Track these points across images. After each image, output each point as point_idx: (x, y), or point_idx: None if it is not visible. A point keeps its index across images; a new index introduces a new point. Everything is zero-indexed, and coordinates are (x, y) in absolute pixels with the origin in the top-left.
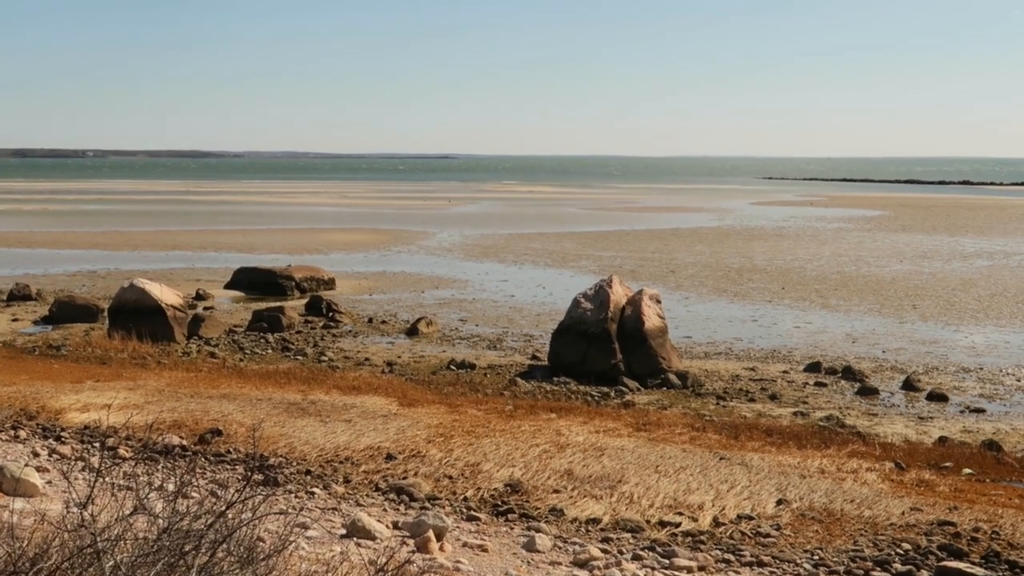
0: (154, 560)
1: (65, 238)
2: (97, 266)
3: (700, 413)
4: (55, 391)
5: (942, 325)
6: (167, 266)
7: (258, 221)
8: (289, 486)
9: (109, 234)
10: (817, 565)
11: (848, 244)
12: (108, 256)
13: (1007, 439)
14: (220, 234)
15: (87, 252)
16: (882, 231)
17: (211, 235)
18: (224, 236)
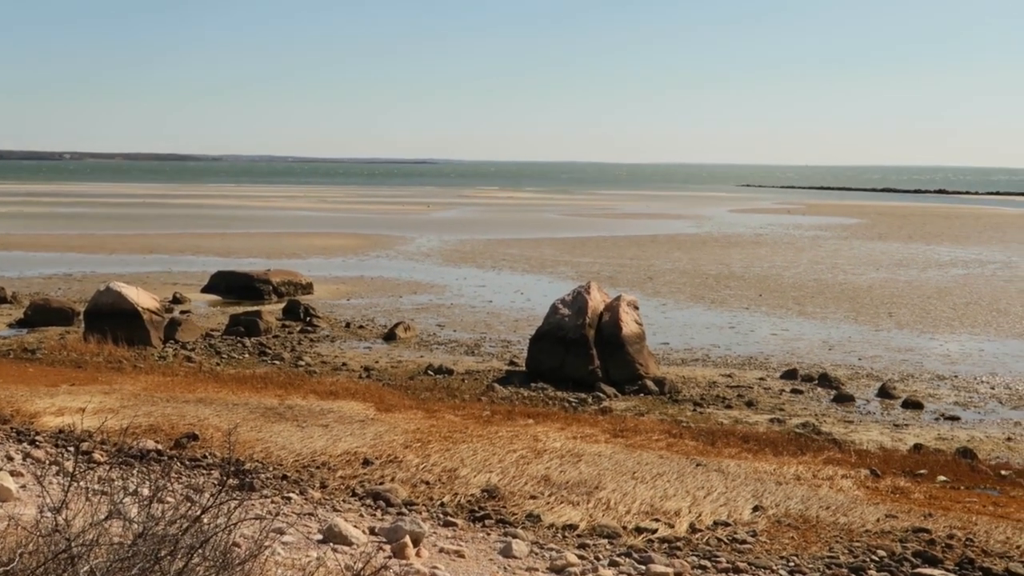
0: (129, 565)
1: (41, 240)
2: (73, 269)
3: (677, 419)
4: (29, 395)
5: (917, 333)
6: (144, 269)
7: (236, 225)
8: (265, 491)
9: (85, 237)
10: (793, 572)
11: (825, 252)
12: (84, 259)
13: (981, 447)
14: (197, 237)
15: (63, 255)
16: (858, 239)
17: (188, 238)
18: (201, 240)
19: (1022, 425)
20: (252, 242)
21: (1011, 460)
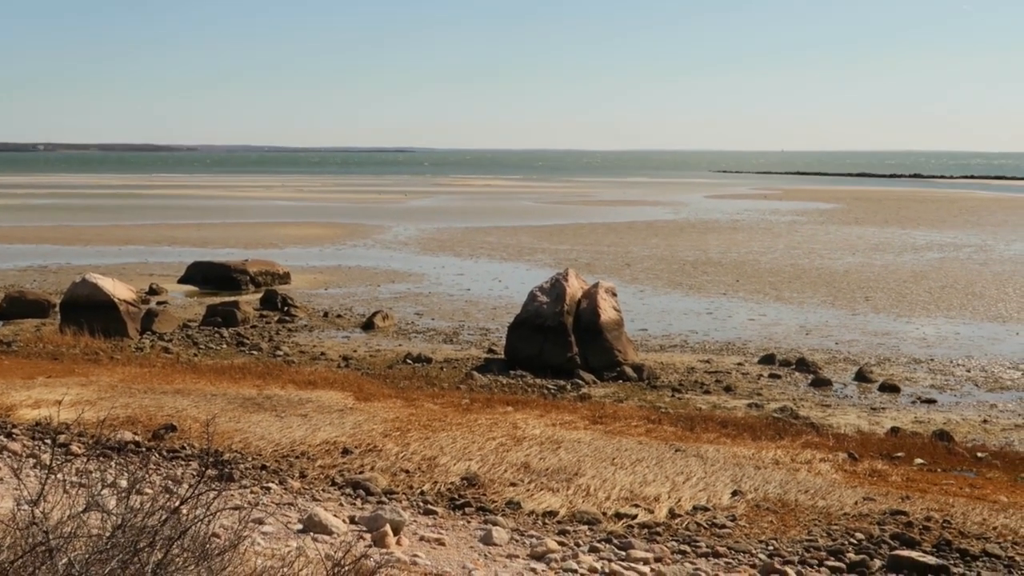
0: (108, 557)
1: (15, 233)
2: (48, 261)
3: (656, 405)
4: (5, 387)
5: (894, 317)
6: (120, 261)
7: (212, 215)
8: (244, 481)
9: (60, 228)
10: (772, 555)
11: (801, 237)
12: (59, 251)
13: (957, 429)
14: (173, 228)
15: (38, 247)
16: (835, 224)
17: (164, 229)
18: (178, 230)
19: (998, 407)
20: (229, 232)
21: (987, 442)
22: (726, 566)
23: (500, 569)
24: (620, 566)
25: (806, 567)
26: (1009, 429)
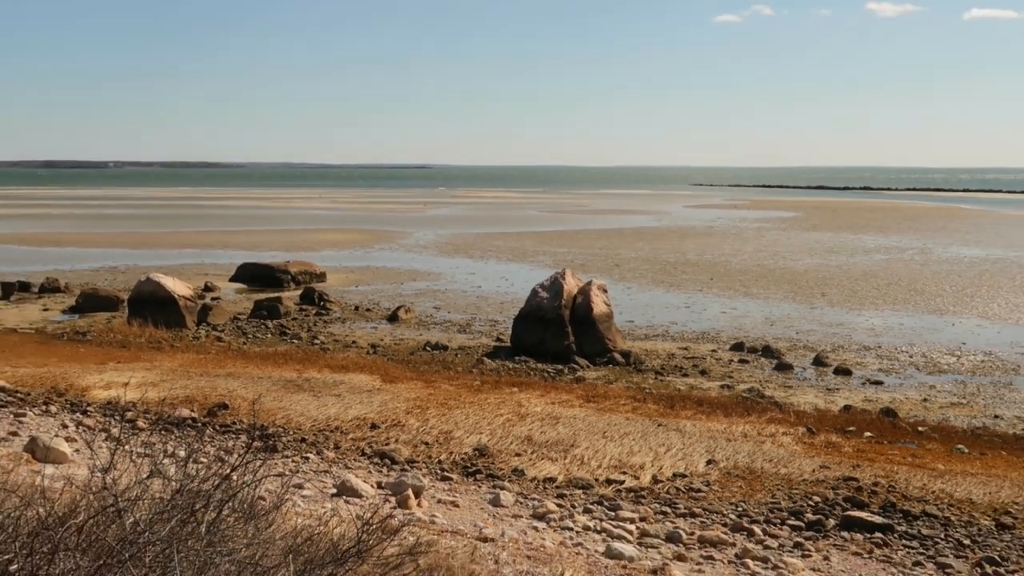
0: (168, 517)
1: (89, 238)
2: (118, 262)
3: (641, 387)
4: (81, 371)
5: (847, 310)
6: (179, 262)
7: (258, 223)
8: (286, 452)
9: (128, 234)
10: (741, 515)
11: (767, 241)
12: (127, 253)
13: (901, 407)
14: (225, 234)
15: (109, 250)
16: (796, 230)
17: (217, 235)
18: (229, 236)
19: (936, 388)
20: (273, 237)
21: (927, 418)
22: (701, 525)
23: (507, 527)
24: (610, 524)
25: (770, 526)
26: (946, 407)
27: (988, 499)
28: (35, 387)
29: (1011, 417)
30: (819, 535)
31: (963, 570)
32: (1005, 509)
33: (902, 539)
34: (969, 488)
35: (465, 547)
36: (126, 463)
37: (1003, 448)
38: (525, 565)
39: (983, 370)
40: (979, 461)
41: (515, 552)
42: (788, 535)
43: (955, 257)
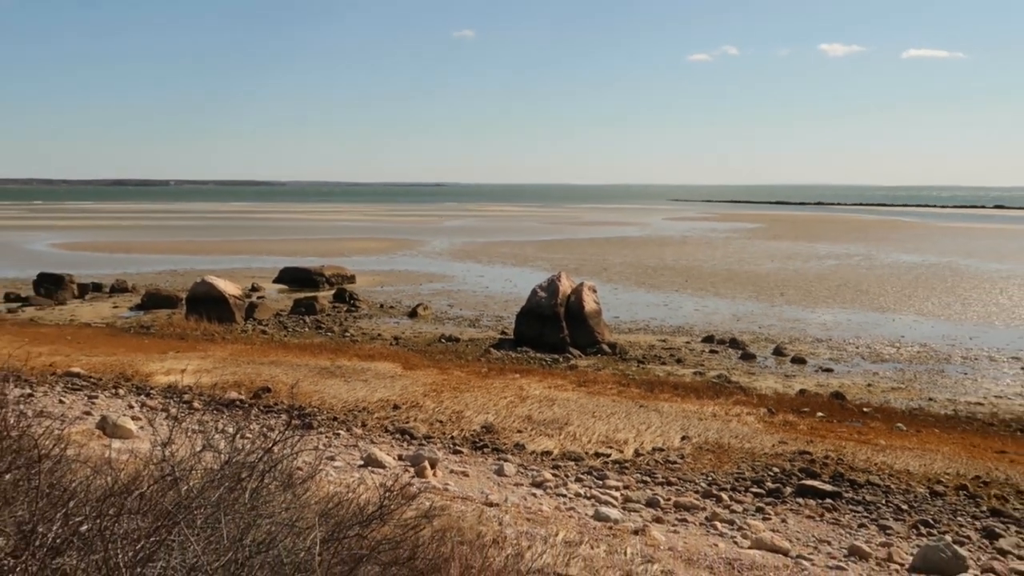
0: (218, 485)
1: (153, 246)
2: (177, 266)
3: (625, 373)
4: (145, 359)
5: (802, 308)
6: (230, 266)
7: (298, 233)
8: (321, 429)
9: (186, 242)
10: (710, 484)
11: (734, 248)
12: (185, 259)
13: (849, 391)
14: (269, 242)
15: (169, 256)
16: (759, 239)
17: (263, 243)
18: (272, 244)
19: (879, 375)
20: (310, 245)
21: (871, 401)
22: (677, 492)
23: (509, 494)
24: (598, 491)
25: (736, 493)
26: (887, 391)
27: (923, 470)
28: (106, 373)
29: (943, 400)
30: (778, 501)
31: (901, 531)
32: (937, 479)
33: (849, 504)
34: (907, 461)
35: (473, 511)
36: (183, 438)
37: (936, 426)
38: (525, 526)
39: (919, 359)
40: (915, 438)
41: (516, 515)
42: (751, 501)
43: (895, 263)
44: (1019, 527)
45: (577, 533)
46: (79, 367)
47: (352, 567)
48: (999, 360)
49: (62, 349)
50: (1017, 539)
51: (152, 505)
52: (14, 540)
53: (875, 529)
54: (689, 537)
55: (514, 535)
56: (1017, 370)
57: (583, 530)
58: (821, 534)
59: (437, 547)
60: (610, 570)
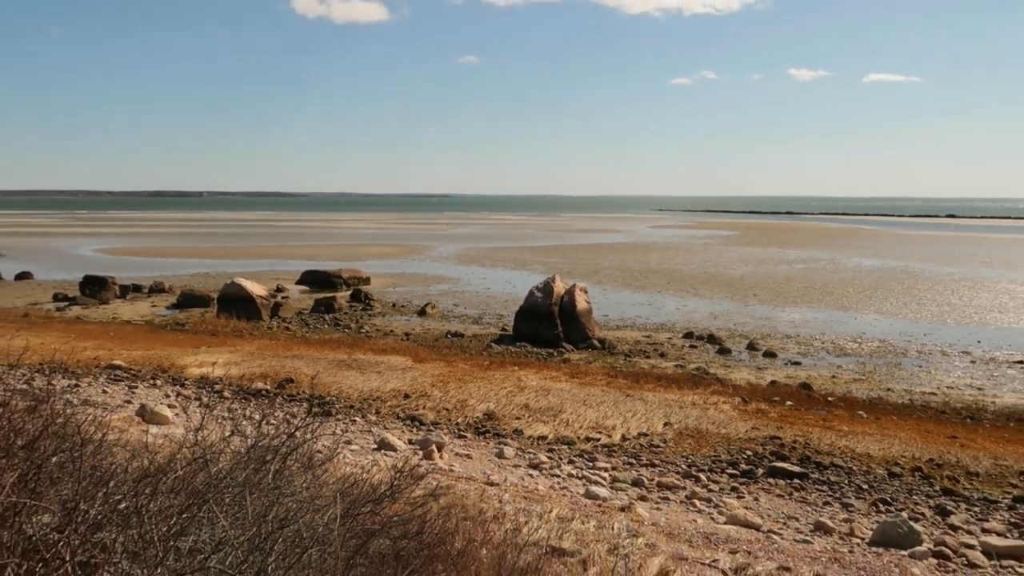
0: (244, 466)
1: (187, 251)
2: (209, 269)
3: (613, 366)
4: (180, 353)
5: (773, 307)
6: (257, 269)
7: (318, 239)
8: (339, 416)
9: (217, 248)
10: (690, 465)
11: (711, 254)
12: (216, 263)
13: (815, 382)
14: (292, 248)
15: (202, 260)
16: (734, 245)
17: (286, 248)
18: (295, 249)
19: (842, 367)
20: (329, 250)
21: (835, 390)
22: (659, 472)
23: (508, 474)
24: (589, 472)
25: (713, 473)
26: (849, 382)
27: (882, 453)
28: (145, 366)
29: (900, 390)
30: (751, 481)
31: (862, 508)
32: (895, 461)
33: (815, 484)
34: (867, 445)
35: (476, 490)
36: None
37: (894, 414)
38: (522, 504)
39: (878, 353)
40: (875, 424)
41: (515, 493)
42: (727, 481)
43: (857, 266)
44: (969, 505)
45: (569, 510)
46: (120, 360)
47: (365, 541)
48: (951, 354)
49: (105, 344)
50: (967, 516)
51: (185, 485)
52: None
53: (838, 507)
54: (671, 513)
55: (513, 511)
56: (967, 363)
57: (575, 507)
58: (790, 511)
59: (443, 522)
60: (599, 543)
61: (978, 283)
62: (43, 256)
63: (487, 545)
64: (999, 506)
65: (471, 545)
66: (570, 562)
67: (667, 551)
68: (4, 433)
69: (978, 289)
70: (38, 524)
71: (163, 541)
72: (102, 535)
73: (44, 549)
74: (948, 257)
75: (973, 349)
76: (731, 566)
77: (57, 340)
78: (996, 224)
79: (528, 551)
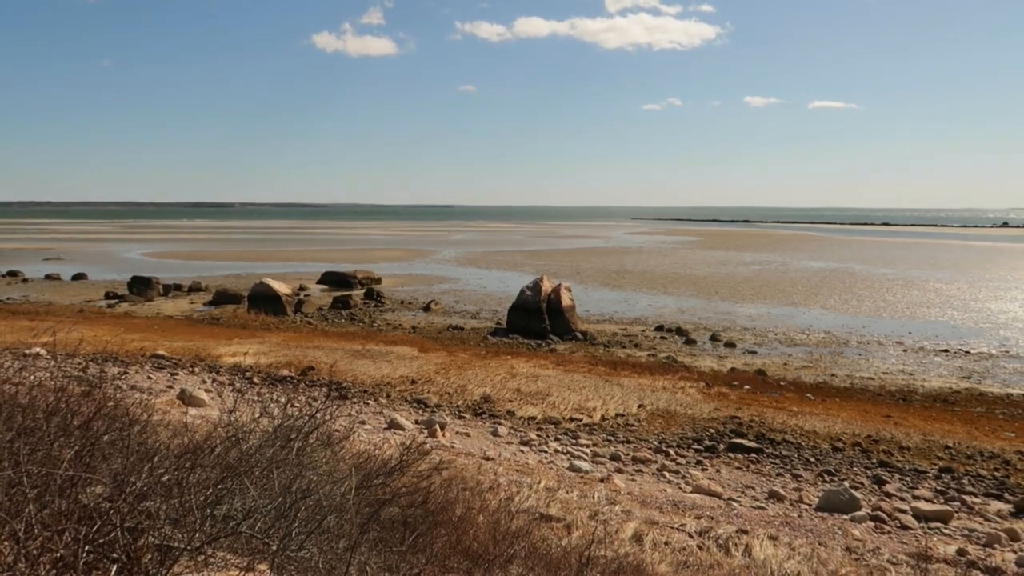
0: (271, 444)
1: (222, 254)
2: (240, 271)
3: (594, 355)
4: (215, 344)
5: (732, 303)
6: (282, 270)
7: (336, 244)
8: (354, 400)
9: (248, 251)
10: (661, 442)
11: (679, 256)
12: (247, 265)
13: (769, 368)
14: (314, 252)
15: (235, 263)
16: (699, 249)
17: (308, 252)
18: (316, 253)
19: (792, 356)
20: (346, 254)
21: (786, 376)
22: (634, 448)
23: (502, 450)
24: (572, 448)
25: (681, 448)
26: (799, 368)
27: (827, 431)
28: (184, 355)
29: (843, 375)
30: (713, 455)
31: (810, 478)
32: (838, 437)
33: (769, 458)
34: (814, 424)
35: (474, 464)
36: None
37: (837, 396)
38: (514, 476)
39: (823, 344)
40: (821, 405)
41: (508, 467)
42: (692, 455)
43: (805, 268)
44: (901, 475)
45: (556, 481)
46: (163, 350)
47: (377, 509)
48: (886, 344)
49: (150, 336)
50: (900, 484)
51: (220, 460)
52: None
53: (789, 477)
54: (644, 484)
55: (506, 483)
56: (900, 352)
57: (560, 479)
58: (747, 481)
59: (445, 492)
60: (582, 510)
61: (909, 282)
62: (96, 259)
63: (484, 512)
64: (927, 476)
65: (470, 512)
66: (556, 526)
67: (641, 516)
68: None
69: (909, 287)
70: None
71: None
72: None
73: (97, 516)
74: (883, 259)
75: (905, 340)
76: (696, 529)
77: (108, 333)
78: (924, 231)
79: (520, 517)
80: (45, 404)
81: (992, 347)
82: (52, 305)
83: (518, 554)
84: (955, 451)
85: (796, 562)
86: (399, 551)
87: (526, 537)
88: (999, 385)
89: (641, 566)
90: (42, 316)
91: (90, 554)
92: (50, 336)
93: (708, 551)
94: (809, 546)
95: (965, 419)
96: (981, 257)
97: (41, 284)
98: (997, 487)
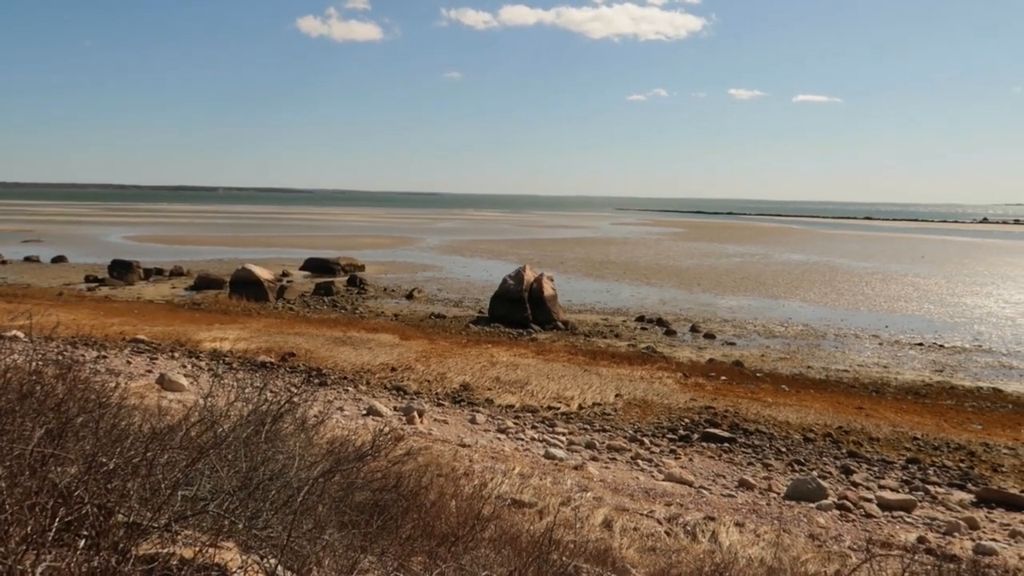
0: (245, 426)
1: (204, 239)
2: (223, 256)
3: (574, 344)
4: (196, 329)
5: (713, 295)
6: (265, 256)
7: (319, 230)
8: (334, 386)
9: (230, 236)
10: (636, 431)
11: (662, 247)
12: (229, 250)
13: (747, 360)
14: (296, 238)
15: (217, 247)
16: (682, 240)
17: (291, 238)
18: (299, 239)
19: (770, 348)
20: (329, 241)
21: (763, 368)
22: (610, 437)
23: (479, 437)
24: (549, 436)
25: (656, 437)
26: (776, 360)
27: (799, 422)
28: (164, 340)
29: (818, 367)
30: (687, 444)
31: (780, 468)
32: (810, 428)
33: (742, 447)
34: (787, 414)
35: (450, 450)
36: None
37: (812, 388)
38: (490, 463)
39: (801, 336)
40: (795, 396)
41: (484, 454)
42: (667, 444)
43: (786, 260)
44: (869, 465)
45: (530, 468)
46: (143, 335)
47: (347, 491)
48: (862, 337)
49: (130, 320)
50: (867, 474)
51: (191, 442)
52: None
53: (760, 466)
54: (617, 472)
55: (481, 469)
56: (875, 345)
57: (535, 466)
58: (719, 470)
59: (419, 478)
60: (554, 496)
61: (888, 276)
62: (76, 242)
63: (457, 498)
64: (894, 466)
65: (443, 497)
66: (528, 512)
67: (611, 503)
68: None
69: (888, 281)
70: (64, 474)
71: (169, 488)
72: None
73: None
74: (863, 253)
75: (881, 333)
76: (665, 516)
77: (88, 316)
78: (905, 226)
79: (492, 503)
80: (19, 386)
81: (966, 341)
82: (31, 288)
83: (488, 537)
84: (923, 442)
85: (760, 548)
86: (367, 532)
87: (497, 521)
88: (970, 379)
89: (609, 550)
90: (20, 299)
91: (60, 532)
92: (27, 319)
93: (675, 537)
94: (774, 533)
95: (935, 411)
96: (959, 252)
97: (20, 266)
98: (961, 477)
